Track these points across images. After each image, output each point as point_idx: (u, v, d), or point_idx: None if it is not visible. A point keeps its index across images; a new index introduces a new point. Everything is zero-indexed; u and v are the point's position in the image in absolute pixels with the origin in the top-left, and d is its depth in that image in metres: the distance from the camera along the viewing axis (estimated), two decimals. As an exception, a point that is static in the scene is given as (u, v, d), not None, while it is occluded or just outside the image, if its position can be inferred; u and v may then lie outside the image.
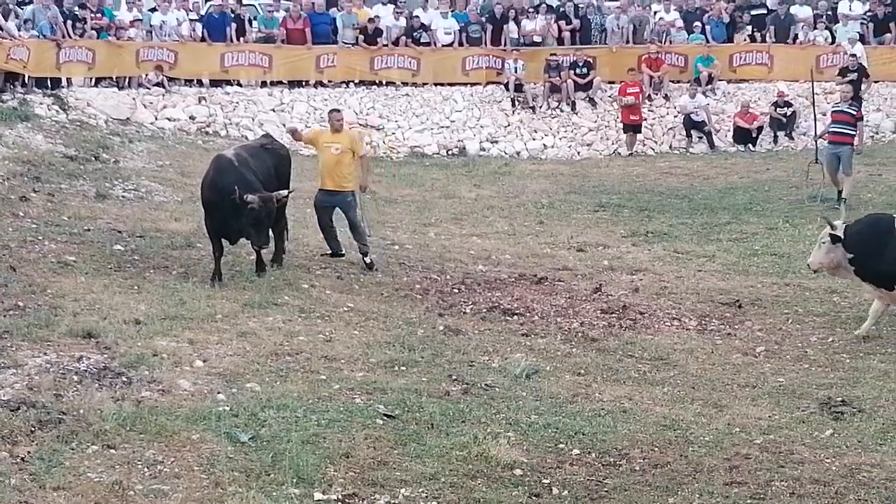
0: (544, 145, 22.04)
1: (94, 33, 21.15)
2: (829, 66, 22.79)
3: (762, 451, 7.36)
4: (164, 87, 21.29)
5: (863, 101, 21.01)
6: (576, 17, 23.46)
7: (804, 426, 7.85)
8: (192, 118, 21.08)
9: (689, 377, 9.03)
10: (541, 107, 22.59)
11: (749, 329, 10.49)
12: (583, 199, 17.15)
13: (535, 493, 6.63)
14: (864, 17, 23.56)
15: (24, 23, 20.57)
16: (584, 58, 22.65)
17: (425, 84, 22.63)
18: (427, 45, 22.85)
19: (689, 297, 11.58)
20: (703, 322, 10.69)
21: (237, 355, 8.74)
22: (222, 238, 11.32)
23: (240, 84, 22.12)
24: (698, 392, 8.64)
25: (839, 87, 19.11)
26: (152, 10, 22.44)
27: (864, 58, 22.26)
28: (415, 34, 22.80)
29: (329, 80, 22.42)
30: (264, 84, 22.25)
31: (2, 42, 19.48)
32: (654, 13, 24.17)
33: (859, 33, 22.96)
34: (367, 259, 12.32)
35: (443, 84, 22.66)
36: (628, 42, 23.36)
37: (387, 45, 22.63)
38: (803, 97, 21.58)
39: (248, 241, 11.25)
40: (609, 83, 22.82)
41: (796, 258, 12.80)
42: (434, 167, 20.11)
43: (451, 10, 23.45)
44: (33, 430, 6.84)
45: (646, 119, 22.30)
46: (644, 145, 22.16)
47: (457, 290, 11.59)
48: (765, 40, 23.43)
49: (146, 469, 6.52)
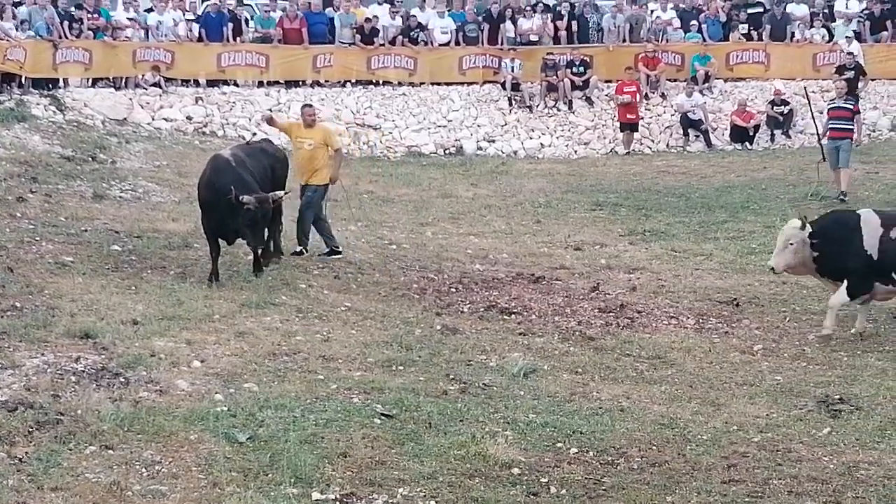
0: (541, 144, 22.05)
1: (91, 34, 21.18)
2: (826, 64, 22.82)
3: (760, 449, 7.35)
4: (161, 88, 21.29)
5: (859, 98, 20.99)
6: (572, 17, 23.48)
7: (802, 424, 7.85)
8: (188, 118, 21.09)
9: (687, 376, 9.02)
10: (538, 106, 22.61)
11: (747, 327, 10.48)
12: (580, 198, 17.14)
13: (533, 491, 6.62)
14: (861, 15, 23.57)
15: (21, 23, 20.57)
16: (581, 57, 22.68)
17: (422, 83, 22.64)
18: (424, 44, 22.88)
19: (686, 295, 11.58)
20: (701, 320, 10.68)
21: (235, 355, 8.73)
22: (219, 238, 11.32)
23: (237, 84, 22.15)
24: (696, 390, 8.64)
25: (835, 83, 19.12)
26: (149, 11, 22.45)
27: (860, 56, 22.27)
28: (411, 34, 22.83)
29: (326, 80, 22.44)
30: (261, 84, 22.28)
31: (-2, 43, 19.51)
32: (651, 12, 24.15)
33: (856, 31, 22.97)
34: (332, 248, 12.51)
35: (440, 83, 22.69)
36: (625, 41, 23.38)
37: (383, 45, 22.66)
38: (800, 95, 21.58)
39: (245, 241, 11.26)
40: (606, 82, 22.84)
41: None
42: (431, 166, 20.10)
43: (448, 10, 23.47)
44: (31, 430, 6.84)
45: (643, 118, 22.32)
46: (641, 144, 22.17)
47: (454, 290, 11.59)
48: (761, 38, 23.44)
49: (144, 469, 6.51)
